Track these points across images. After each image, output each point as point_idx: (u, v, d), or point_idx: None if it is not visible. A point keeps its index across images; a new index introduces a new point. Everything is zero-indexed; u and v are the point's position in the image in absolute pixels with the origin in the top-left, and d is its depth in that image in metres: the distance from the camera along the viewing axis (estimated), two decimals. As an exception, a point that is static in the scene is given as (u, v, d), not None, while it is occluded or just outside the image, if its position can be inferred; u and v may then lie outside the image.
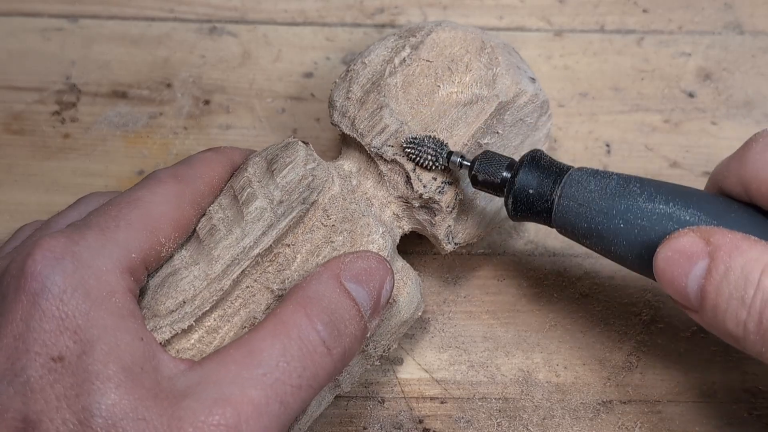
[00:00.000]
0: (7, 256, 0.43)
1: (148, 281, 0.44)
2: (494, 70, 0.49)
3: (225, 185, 0.47)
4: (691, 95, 0.58)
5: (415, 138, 0.46)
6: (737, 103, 0.58)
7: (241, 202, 0.45)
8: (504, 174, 0.45)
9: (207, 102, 0.58)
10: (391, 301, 0.45)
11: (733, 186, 0.42)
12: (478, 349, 0.51)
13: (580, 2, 0.62)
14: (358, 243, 0.45)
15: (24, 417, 0.37)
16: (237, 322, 0.43)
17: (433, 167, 0.46)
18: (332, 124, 0.49)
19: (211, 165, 0.47)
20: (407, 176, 0.47)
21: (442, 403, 0.49)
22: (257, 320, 0.43)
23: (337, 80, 0.50)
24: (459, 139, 0.47)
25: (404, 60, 0.49)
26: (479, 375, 0.50)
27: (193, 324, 0.43)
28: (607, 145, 0.57)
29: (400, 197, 0.48)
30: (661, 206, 0.41)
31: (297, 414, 0.40)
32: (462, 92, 0.49)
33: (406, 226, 0.49)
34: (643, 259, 0.42)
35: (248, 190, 0.45)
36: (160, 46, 0.60)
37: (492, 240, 0.54)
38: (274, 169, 0.45)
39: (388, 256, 0.45)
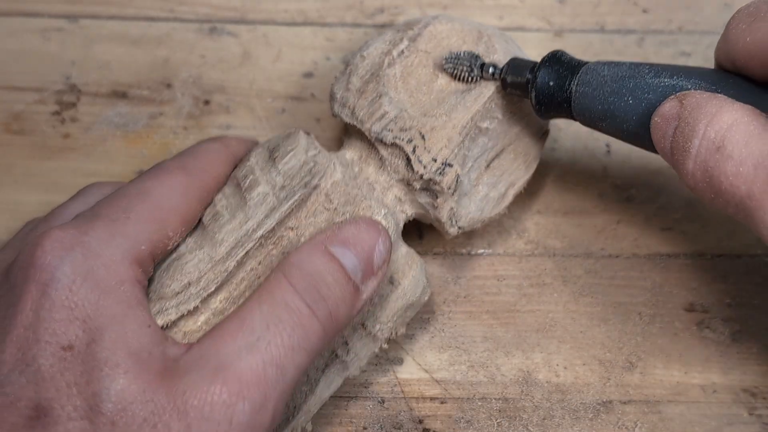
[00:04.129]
0: (15, 248, 0.44)
1: (154, 271, 0.44)
2: (491, 57, 0.50)
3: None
4: (691, 95, 0.58)
5: (453, 54, 0.49)
6: (737, 103, 0.58)
7: (243, 189, 0.46)
8: (528, 75, 0.48)
9: (207, 102, 0.58)
10: (395, 283, 0.46)
11: (725, 64, 0.44)
12: (478, 349, 0.51)
13: (580, 2, 0.62)
14: None
15: (36, 405, 0.38)
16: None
17: (470, 79, 0.49)
18: (333, 115, 0.50)
19: (217, 159, 0.48)
20: (407, 158, 0.48)
21: (442, 403, 0.49)
22: None
23: (338, 74, 0.51)
24: (458, 122, 0.48)
25: (402, 52, 0.50)
26: (479, 375, 0.50)
27: (199, 305, 0.43)
28: (607, 145, 0.57)
29: (401, 180, 0.48)
30: (665, 80, 0.43)
31: (294, 380, 0.41)
32: None
33: (409, 210, 0.49)
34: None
35: (251, 177, 0.46)
36: (160, 46, 0.60)
37: (492, 240, 0.54)
38: (276, 157, 0.46)
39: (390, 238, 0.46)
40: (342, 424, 0.49)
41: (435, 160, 0.47)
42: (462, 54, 0.49)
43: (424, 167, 0.47)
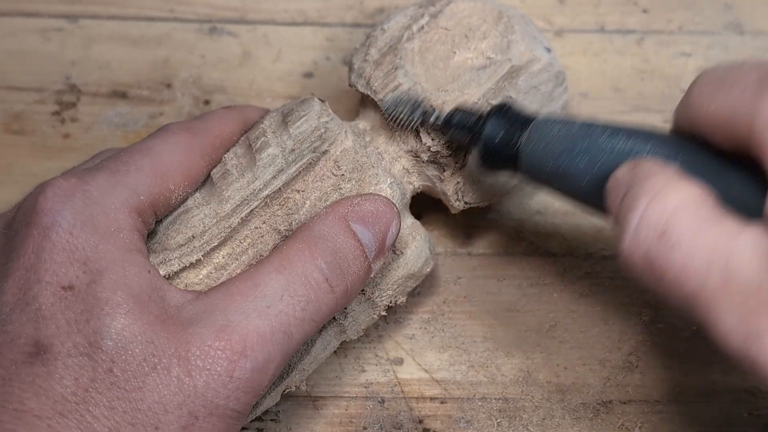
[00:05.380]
0: (21, 201, 0.45)
1: (156, 226, 0.45)
2: (509, 37, 0.51)
3: (239, 139, 0.48)
4: (691, 95, 0.58)
5: (393, 97, 0.48)
6: (737, 103, 0.58)
7: (254, 150, 0.47)
8: (474, 126, 0.46)
9: (207, 102, 0.58)
10: (398, 252, 0.47)
11: (685, 128, 0.41)
12: (478, 349, 0.51)
13: (580, 2, 0.62)
14: (365, 190, 0.46)
15: (36, 342, 0.39)
16: (245, 261, 0.45)
17: (410, 125, 0.48)
18: (349, 85, 0.51)
19: (224, 119, 0.48)
20: (416, 130, 0.48)
21: (442, 403, 0.49)
22: None
23: (358, 46, 0.52)
24: (470, 98, 0.49)
25: (422, 27, 0.51)
26: (479, 375, 0.50)
27: (201, 258, 0.45)
28: (607, 145, 0.57)
29: (409, 151, 0.49)
30: (620, 142, 0.41)
31: (300, 344, 0.42)
32: (477, 58, 0.50)
33: (416, 182, 0.50)
34: (603, 197, 0.41)
35: (262, 139, 0.47)
36: (160, 46, 0.60)
37: (492, 240, 0.54)
38: (288, 121, 0.47)
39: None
40: (342, 424, 0.49)
41: (444, 133, 0.48)
42: (404, 98, 0.48)
43: (432, 139, 0.48)
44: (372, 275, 0.45)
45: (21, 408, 0.37)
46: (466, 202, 0.50)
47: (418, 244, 0.48)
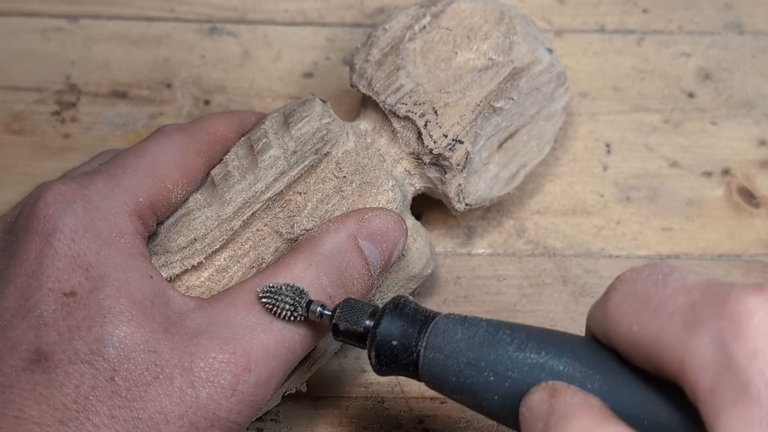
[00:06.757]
0: (20, 204, 0.45)
1: (158, 228, 0.45)
2: (511, 38, 0.51)
3: (237, 139, 0.49)
4: (691, 95, 0.58)
5: (272, 287, 0.41)
6: (737, 103, 0.58)
7: (256, 152, 0.47)
8: (366, 323, 0.40)
9: (207, 102, 0.58)
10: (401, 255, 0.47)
11: (600, 335, 0.37)
12: (478, 349, 0.51)
13: (580, 2, 0.62)
14: (367, 193, 0.46)
15: (37, 348, 0.39)
16: (246, 263, 0.45)
17: (292, 318, 0.41)
18: (351, 85, 0.51)
19: (219, 119, 0.49)
20: (419, 132, 0.48)
21: (442, 403, 0.49)
22: (265, 262, 0.45)
23: (359, 45, 0.52)
24: (471, 100, 0.49)
25: (424, 27, 0.51)
26: (479, 375, 0.50)
27: (203, 261, 0.45)
28: (607, 145, 0.57)
29: (411, 153, 0.49)
30: (532, 356, 0.37)
31: (302, 358, 0.42)
32: (478, 59, 0.50)
33: (418, 184, 0.50)
34: (517, 416, 0.36)
35: (264, 140, 0.47)
36: (160, 46, 0.60)
37: (492, 240, 0.54)
38: (290, 122, 0.47)
39: (397, 209, 0.47)
40: (342, 424, 0.49)
41: (446, 136, 0.48)
42: (283, 288, 0.41)
43: (434, 142, 0.48)
44: (374, 290, 0.45)
45: (21, 415, 0.37)
46: (467, 204, 0.50)
47: (419, 246, 0.48)
